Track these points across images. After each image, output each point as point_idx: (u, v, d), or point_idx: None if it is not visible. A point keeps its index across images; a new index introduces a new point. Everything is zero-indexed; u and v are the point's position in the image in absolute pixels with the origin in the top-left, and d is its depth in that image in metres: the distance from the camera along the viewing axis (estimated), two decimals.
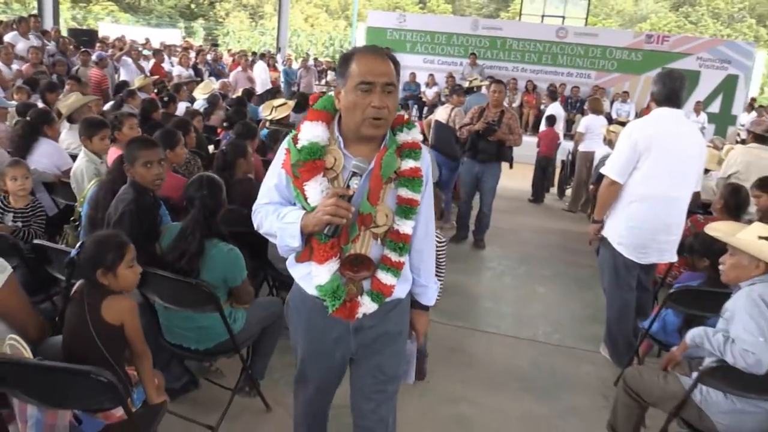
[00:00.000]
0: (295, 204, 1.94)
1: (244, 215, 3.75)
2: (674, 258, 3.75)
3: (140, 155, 2.83)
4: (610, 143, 7.15)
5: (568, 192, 9.24)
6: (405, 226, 1.95)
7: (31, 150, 4.35)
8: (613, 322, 3.95)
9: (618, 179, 3.67)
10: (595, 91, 14.75)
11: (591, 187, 7.43)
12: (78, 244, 2.32)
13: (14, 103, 5.75)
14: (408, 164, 1.94)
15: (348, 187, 1.80)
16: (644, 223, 3.64)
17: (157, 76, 9.66)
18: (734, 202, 3.95)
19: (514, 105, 14.61)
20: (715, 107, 15.50)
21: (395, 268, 1.96)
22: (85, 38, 13.73)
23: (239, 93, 9.29)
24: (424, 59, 16.81)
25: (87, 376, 1.83)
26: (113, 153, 4.14)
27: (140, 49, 12.89)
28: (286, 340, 3.58)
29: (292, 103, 7.53)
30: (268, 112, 6.98)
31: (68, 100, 5.17)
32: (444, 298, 3.85)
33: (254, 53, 17.84)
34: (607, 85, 15.68)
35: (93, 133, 3.94)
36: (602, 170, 3.81)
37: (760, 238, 2.54)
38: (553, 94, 12.21)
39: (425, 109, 15.46)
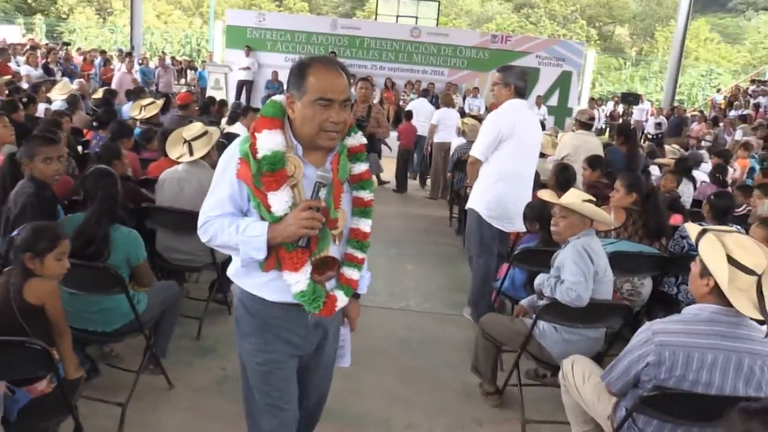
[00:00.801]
0: (248, 212, 1.95)
1: (129, 210, 3.95)
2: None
3: (40, 151, 2.98)
4: (463, 134, 7.90)
5: (429, 181, 9.98)
6: (365, 226, 2.08)
7: None
8: (478, 286, 4.55)
9: (481, 158, 4.31)
10: (448, 87, 15.78)
11: (448, 174, 8.14)
12: (19, 228, 2.46)
13: None
14: (359, 167, 2.06)
15: (318, 198, 1.85)
16: (508, 196, 4.27)
17: (8, 76, 9.17)
18: (563, 178, 4.72)
19: (374, 101, 15.27)
20: (553, 101, 17.12)
21: (360, 264, 2.10)
22: None
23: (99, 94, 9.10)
24: (285, 58, 16.94)
25: (21, 345, 2.04)
26: None
27: None
28: (180, 326, 3.84)
29: (160, 102, 7.56)
30: (137, 111, 6.98)
31: None
32: None
33: (104, 51, 17.11)
34: (458, 82, 16.77)
35: None
36: (471, 151, 4.42)
37: (584, 201, 3.19)
38: (425, 93, 13.04)
39: None
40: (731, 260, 2.08)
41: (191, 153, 4.00)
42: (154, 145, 5.30)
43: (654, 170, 6.93)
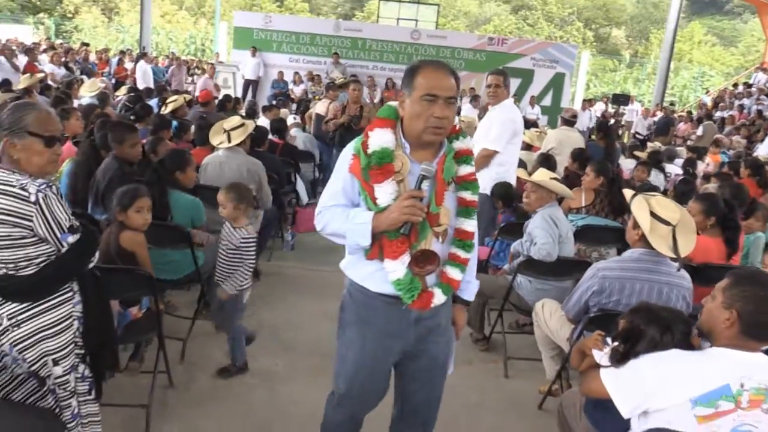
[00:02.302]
0: (358, 205, 2.08)
1: None
2: None
3: (128, 137, 3.76)
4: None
5: None
6: (469, 226, 2.15)
7: None
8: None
9: (501, 150, 4.91)
10: None
11: None
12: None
13: None
14: (465, 169, 2.14)
15: (420, 189, 1.97)
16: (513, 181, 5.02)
17: (41, 74, 9.87)
18: (546, 167, 5.45)
19: (375, 101, 16.02)
20: (547, 101, 17.91)
21: (462, 264, 2.16)
22: None
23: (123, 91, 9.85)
24: (290, 58, 17.71)
25: (131, 272, 2.79)
26: None
27: (13, 47, 12.74)
28: None
29: (181, 98, 8.29)
30: (163, 107, 7.72)
31: None
32: None
33: (123, 52, 17.85)
34: None
35: None
36: (487, 145, 4.93)
37: (552, 179, 3.94)
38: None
39: (294, 106, 16.40)
40: (653, 215, 2.83)
41: (229, 140, 4.75)
42: (189, 136, 6.04)
43: (629, 163, 7.67)
